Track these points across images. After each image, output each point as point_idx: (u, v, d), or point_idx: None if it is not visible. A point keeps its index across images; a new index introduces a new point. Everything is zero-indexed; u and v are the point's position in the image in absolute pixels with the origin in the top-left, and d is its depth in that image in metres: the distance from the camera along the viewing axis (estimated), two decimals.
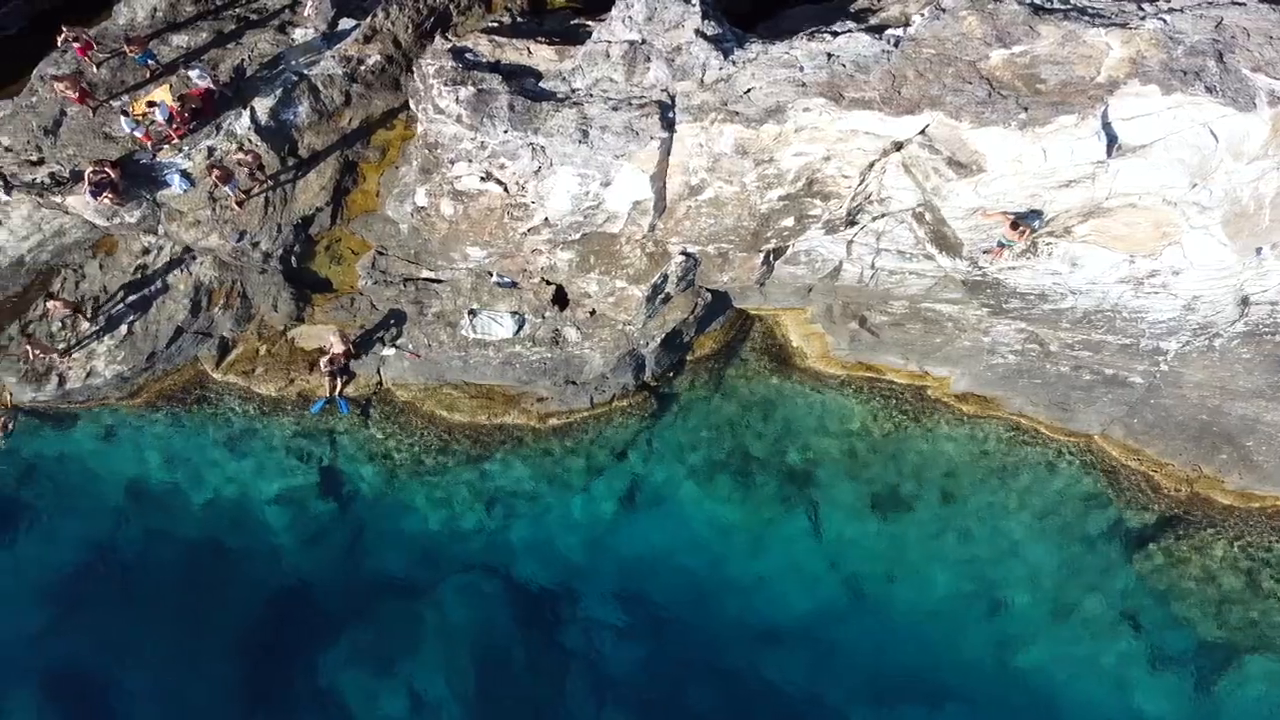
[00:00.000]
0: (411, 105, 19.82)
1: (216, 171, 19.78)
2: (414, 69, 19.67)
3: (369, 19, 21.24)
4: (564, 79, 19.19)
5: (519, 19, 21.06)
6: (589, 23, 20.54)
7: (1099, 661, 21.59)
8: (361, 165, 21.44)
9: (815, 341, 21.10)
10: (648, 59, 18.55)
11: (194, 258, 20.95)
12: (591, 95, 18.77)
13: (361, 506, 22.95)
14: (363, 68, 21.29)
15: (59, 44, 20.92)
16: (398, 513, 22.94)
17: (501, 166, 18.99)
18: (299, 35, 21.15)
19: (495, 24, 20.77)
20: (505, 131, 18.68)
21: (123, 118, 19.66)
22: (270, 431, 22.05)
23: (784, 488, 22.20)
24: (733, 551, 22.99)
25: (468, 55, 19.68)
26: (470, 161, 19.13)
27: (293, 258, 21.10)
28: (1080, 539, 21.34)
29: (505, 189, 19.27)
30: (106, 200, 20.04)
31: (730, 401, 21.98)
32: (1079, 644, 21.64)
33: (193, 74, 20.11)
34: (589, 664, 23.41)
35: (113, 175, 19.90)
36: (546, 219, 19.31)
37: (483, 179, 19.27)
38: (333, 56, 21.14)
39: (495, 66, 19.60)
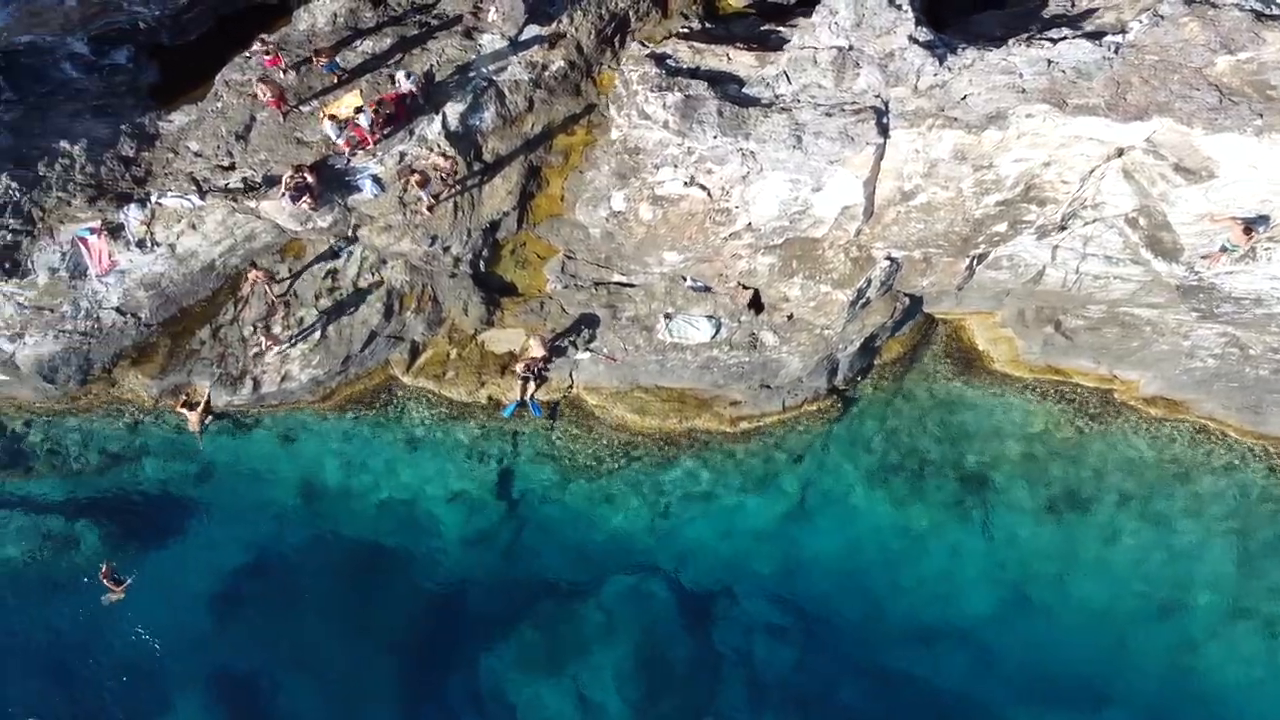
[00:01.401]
0: (612, 111, 19.94)
1: (416, 176, 19.90)
2: (617, 75, 19.82)
3: (554, 24, 21.38)
4: (767, 84, 19.33)
5: (706, 24, 21.18)
6: (780, 28, 20.70)
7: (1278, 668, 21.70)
8: (545, 170, 21.55)
9: (1003, 345, 21.23)
10: (857, 65, 18.70)
11: (385, 262, 21.07)
12: (799, 101, 18.91)
13: (534, 508, 23.11)
14: (546, 73, 21.42)
15: (251, 51, 21.07)
16: (570, 515, 23.10)
17: (708, 172, 19.13)
18: (486, 41, 21.25)
19: (686, 29, 20.90)
20: (714, 137, 18.83)
21: (327, 123, 19.76)
22: (453, 434, 22.19)
23: (958, 490, 22.34)
24: (899, 553, 23.14)
25: (668, 61, 19.83)
26: (676, 167, 19.28)
27: (481, 262, 21.22)
28: (1263, 543, 21.45)
29: (708, 194, 19.40)
30: (305, 205, 20.18)
31: (910, 405, 22.13)
32: (1256, 650, 21.75)
33: (400, 76, 20.20)
34: (747, 664, 23.59)
35: (310, 180, 20.03)
36: (750, 224, 19.45)
37: (686, 184, 19.41)
38: (519, 62, 21.26)
39: (695, 72, 19.76)
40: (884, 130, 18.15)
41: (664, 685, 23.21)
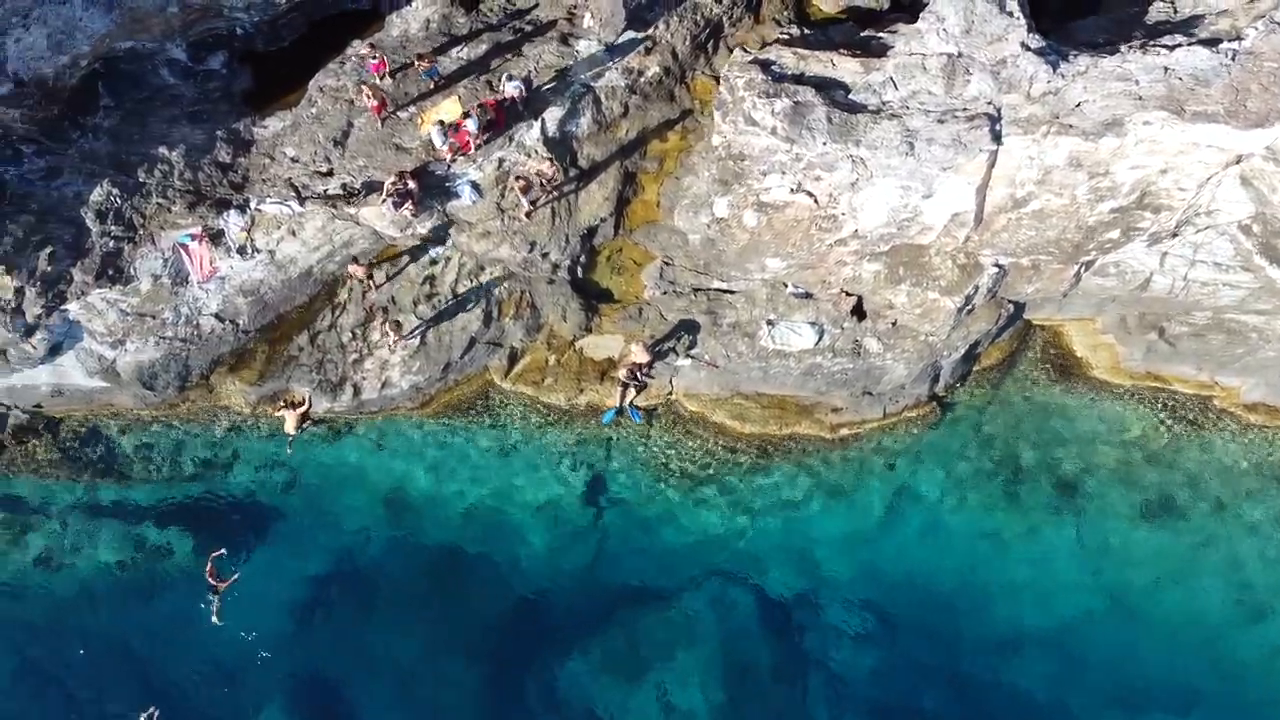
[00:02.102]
0: (715, 117, 19.89)
1: (520, 182, 19.87)
2: (721, 81, 19.78)
3: (650, 30, 21.35)
4: (874, 91, 19.29)
5: (805, 30, 21.15)
6: (880, 34, 20.67)
7: None
8: (640, 176, 21.52)
9: (1103, 352, 21.21)
10: (968, 71, 18.66)
11: (483, 268, 21.03)
12: (908, 107, 18.87)
13: (622, 515, 23.07)
14: (642, 79, 21.39)
15: (345, 56, 21.05)
16: (658, 521, 23.07)
17: (816, 179, 19.09)
18: (583, 47, 21.22)
19: (786, 35, 20.86)
20: (824, 144, 18.79)
21: (433, 128, 19.73)
22: (546, 441, 22.15)
23: (1052, 496, 22.31)
24: (988, 559, 23.11)
25: (773, 67, 19.79)
26: (783, 174, 19.23)
27: (578, 268, 21.19)
28: None
29: (815, 200, 19.36)
30: (406, 211, 20.15)
31: (1006, 411, 22.11)
32: None
33: (505, 80, 20.15)
34: (829, 670, 23.56)
35: (412, 186, 20.00)
36: (856, 230, 19.42)
37: (792, 190, 19.37)
38: (616, 68, 21.23)
39: (800, 78, 19.71)
40: (997, 137, 18.10)
41: (747, 691, 23.19)
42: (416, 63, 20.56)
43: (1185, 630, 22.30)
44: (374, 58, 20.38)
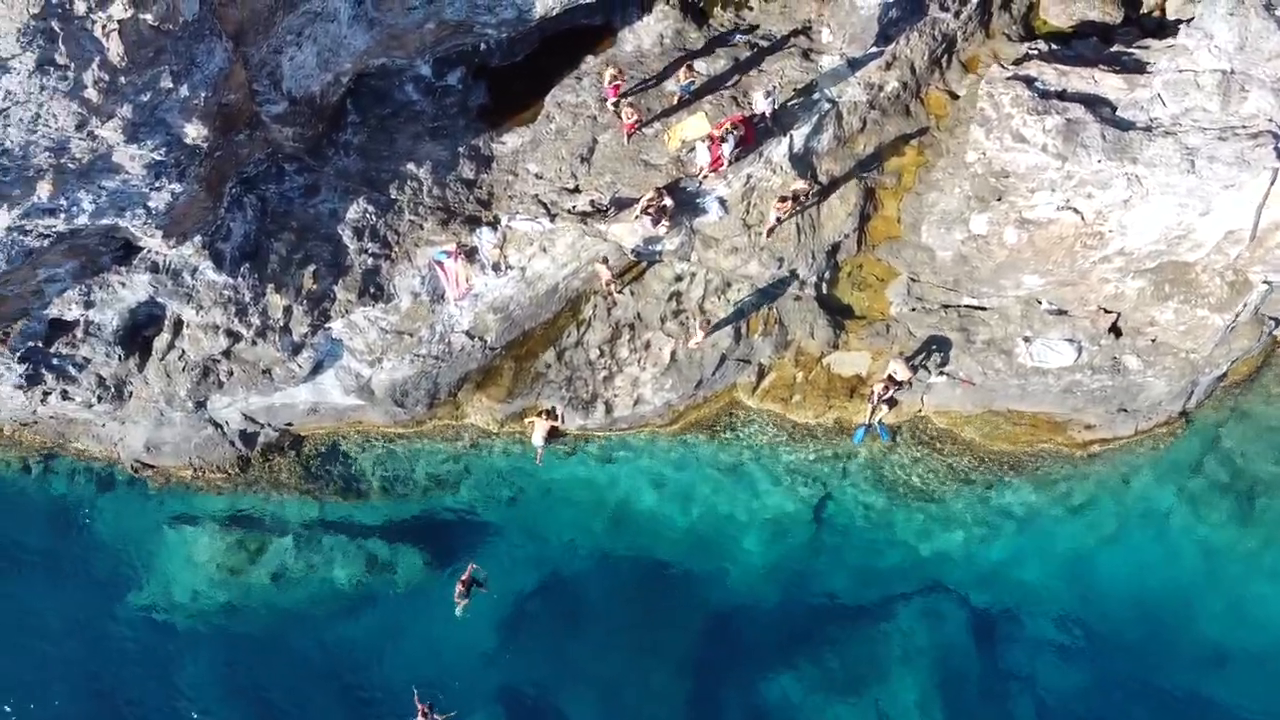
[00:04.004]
0: (979, 134, 19.82)
1: (786, 204, 19.83)
2: (987, 98, 19.69)
3: (891, 45, 21.29)
4: (1141, 108, 19.22)
5: (1053, 46, 21.06)
6: (1131, 50, 20.62)
7: None
8: (879, 191, 21.47)
9: None
10: (1244, 88, 18.57)
11: (729, 285, 20.96)
12: (1180, 125, 18.80)
13: (844, 531, 23.11)
14: (881, 94, 21.33)
15: (593, 73, 21.00)
16: (882, 538, 23.11)
17: (1088, 196, 19.03)
18: (825, 62, 21.15)
19: (1036, 51, 20.79)
20: (1098, 161, 18.73)
21: (699, 145, 19.67)
22: (781, 458, 22.12)
23: None
24: (1211, 576, 23.11)
25: (1035, 84, 19.74)
26: (1053, 191, 19.17)
27: (824, 284, 21.13)
28: None
29: (1081, 217, 19.31)
30: (662, 227, 20.10)
31: (1246, 426, 22.09)
32: None
33: (759, 96, 20.08)
34: (1034, 685, 23.57)
35: (669, 202, 19.94)
36: (1123, 248, 19.35)
37: (1059, 208, 19.32)
38: (857, 83, 21.17)
39: (1062, 94, 19.65)
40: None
41: (959, 705, 23.19)
42: (685, 72, 20.31)
43: None
44: (614, 80, 20.15)
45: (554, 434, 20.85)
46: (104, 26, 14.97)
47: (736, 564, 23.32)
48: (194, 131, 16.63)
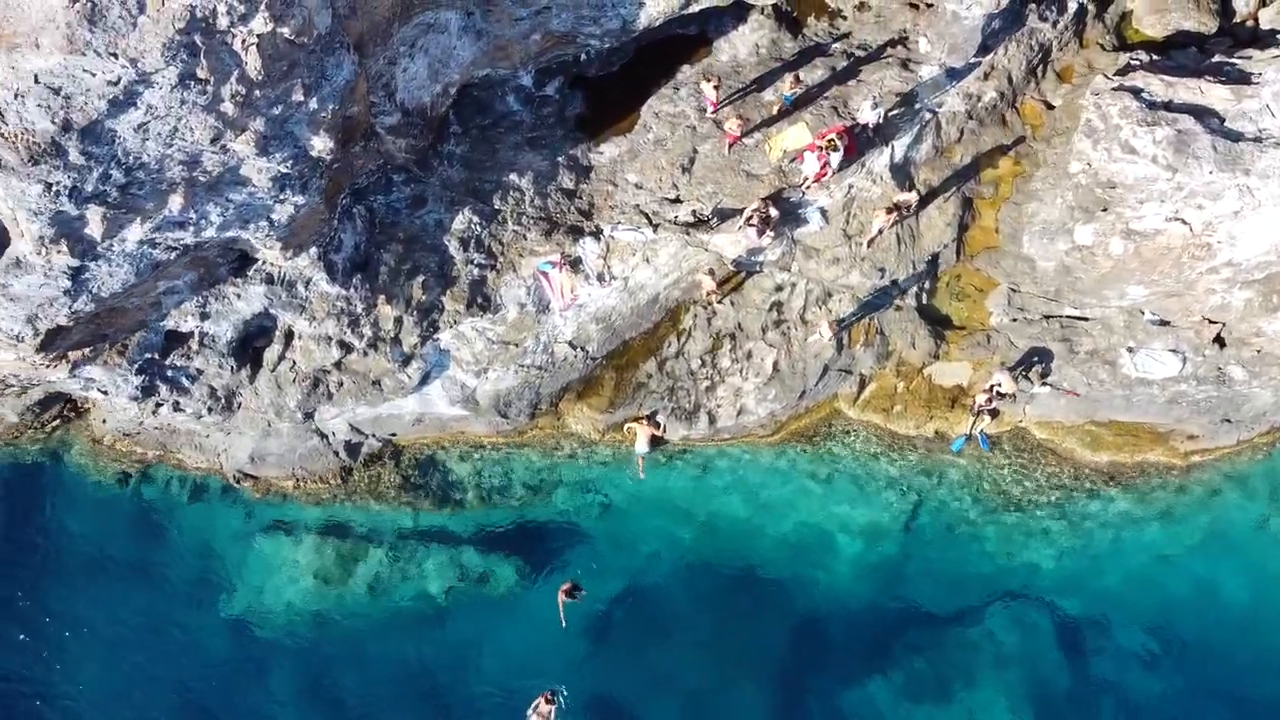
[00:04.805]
0: (1084, 145, 19.83)
1: (891, 216, 19.86)
2: (1093, 108, 19.72)
3: (990, 55, 21.31)
4: (1249, 119, 19.27)
5: (1153, 56, 21.08)
6: (1233, 60, 20.64)
7: None
8: (977, 201, 21.49)
9: None
10: None
11: (830, 295, 20.97)
12: None
13: (940, 543, 22.97)
14: (979, 104, 21.34)
15: (695, 84, 21.01)
16: (974, 548, 22.97)
17: (1198, 207, 19.05)
18: (925, 72, 21.16)
19: (1137, 61, 20.82)
20: (1210, 172, 18.76)
21: (808, 154, 19.69)
22: (876, 469, 22.08)
23: None
24: None
25: (1142, 95, 19.77)
26: (1162, 202, 19.20)
27: (924, 294, 21.14)
28: None
29: (1189, 228, 19.33)
30: (766, 238, 20.11)
31: None
32: None
33: (865, 105, 20.08)
34: (1124, 694, 23.53)
35: (774, 213, 19.95)
36: (1231, 259, 19.38)
37: (1167, 219, 19.34)
38: (956, 93, 21.20)
39: (1168, 105, 19.69)
40: None
41: (1048, 712, 23.18)
42: (792, 83, 20.29)
43: None
44: (717, 90, 20.12)
45: (656, 442, 20.88)
46: (243, 40, 14.96)
47: (828, 573, 23.24)
48: (320, 144, 16.62)
